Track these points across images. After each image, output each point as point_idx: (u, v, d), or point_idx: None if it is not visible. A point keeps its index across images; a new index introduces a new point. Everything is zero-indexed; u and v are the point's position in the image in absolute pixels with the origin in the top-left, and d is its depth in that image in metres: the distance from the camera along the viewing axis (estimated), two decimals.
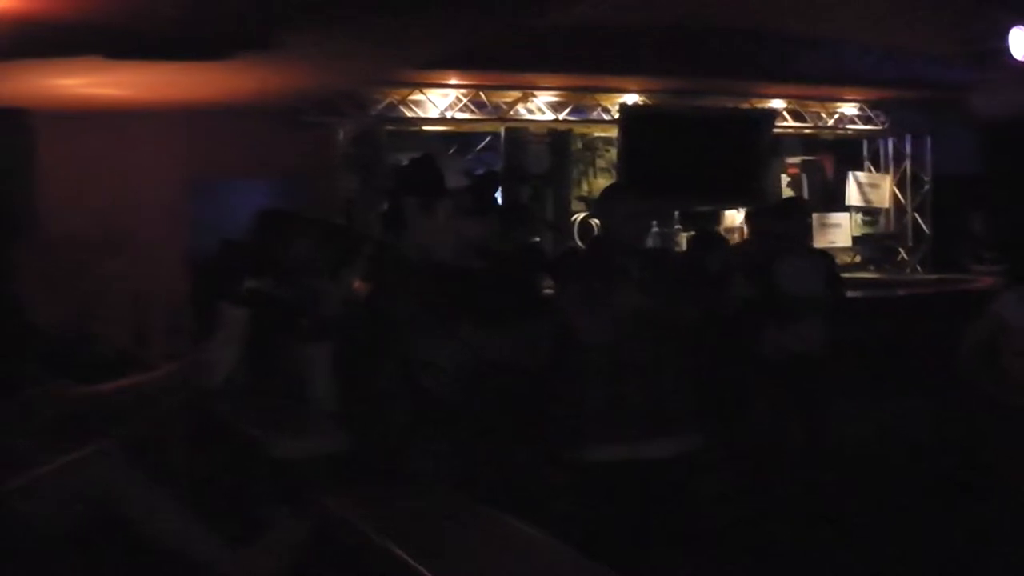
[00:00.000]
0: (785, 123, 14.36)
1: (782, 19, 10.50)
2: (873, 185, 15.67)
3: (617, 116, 13.23)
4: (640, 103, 13.43)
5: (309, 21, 8.48)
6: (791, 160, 15.23)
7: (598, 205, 6.74)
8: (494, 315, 5.72)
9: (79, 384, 5.76)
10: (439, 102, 12.91)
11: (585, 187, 14.24)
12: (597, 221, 6.99)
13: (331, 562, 3.67)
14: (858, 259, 15.61)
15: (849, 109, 14.98)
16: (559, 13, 8.78)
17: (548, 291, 7.52)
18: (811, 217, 9.32)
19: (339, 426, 4.15)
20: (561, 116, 13.47)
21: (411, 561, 3.10)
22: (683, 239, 13.31)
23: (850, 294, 9.55)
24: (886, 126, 15.37)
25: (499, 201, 6.37)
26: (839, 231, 15.12)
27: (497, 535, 3.52)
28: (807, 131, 14.95)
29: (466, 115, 13.07)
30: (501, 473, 5.20)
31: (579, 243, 13.28)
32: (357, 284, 3.95)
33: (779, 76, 12.84)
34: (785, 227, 8.31)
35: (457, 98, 12.94)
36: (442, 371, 3.90)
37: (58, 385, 5.30)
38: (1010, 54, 11.45)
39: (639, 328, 5.79)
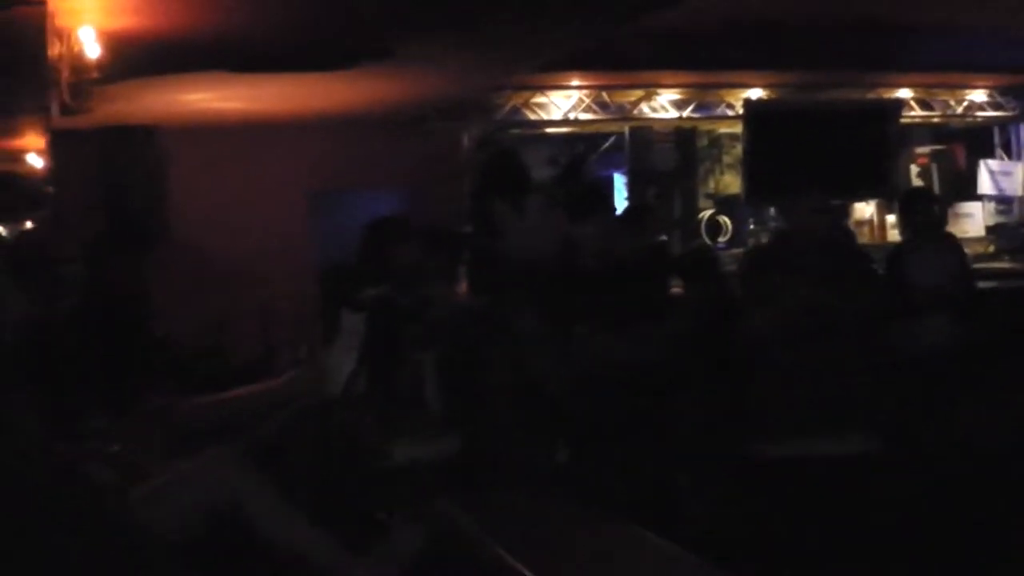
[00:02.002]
0: (913, 113, 14.08)
1: (907, 7, 10.33)
2: (1006, 173, 15.29)
3: (742, 112, 13.10)
4: (765, 98, 13.29)
5: (430, 28, 8.54)
6: (920, 150, 14.93)
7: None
8: (616, 317, 5.70)
9: (204, 394, 5.89)
10: (562, 104, 12.88)
11: (712, 184, 14.14)
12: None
13: (442, 568, 3.67)
14: (992, 249, 15.26)
15: (978, 96, 14.63)
16: (680, 10, 8.71)
17: (676, 290, 7.52)
18: (939, 207, 9.04)
19: (455, 431, 4.16)
20: (685, 113, 13.36)
21: (524, 571, 3.04)
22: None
23: (984, 285, 9.33)
24: (1017, 112, 15.01)
25: (606, 200, 6.29)
26: (972, 221, 14.78)
27: (618, 544, 3.38)
28: (936, 120, 14.64)
29: (589, 116, 13.01)
30: (624, 477, 5.17)
31: (707, 241, 13.19)
32: (463, 288, 3.94)
33: (905, 65, 12.62)
34: (909, 218, 8.18)
35: (580, 99, 12.89)
36: (554, 375, 3.88)
37: (182, 395, 5.41)
38: None
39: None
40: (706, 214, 13.62)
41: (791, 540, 5.65)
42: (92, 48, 7.47)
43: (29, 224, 11.31)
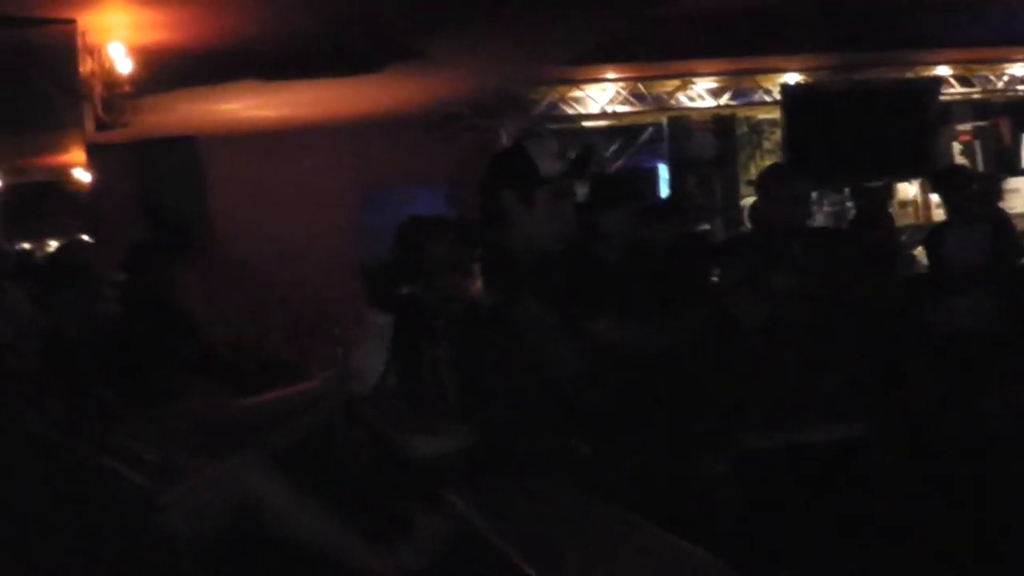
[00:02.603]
0: (953, 90, 13.96)
1: None
2: None
3: (779, 97, 13.05)
4: (801, 81, 13.23)
5: (459, 26, 8.58)
6: (962, 127, 14.80)
7: (757, 187, 6.69)
8: (642, 307, 5.71)
9: (239, 395, 5.96)
10: (599, 97, 12.86)
11: (753, 171, 14.04)
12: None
13: (449, 562, 3.70)
14: None
15: (1020, 70, 14.44)
16: None
17: (716, 279, 7.51)
18: (987, 183, 8.96)
19: (473, 425, 4.20)
20: (722, 101, 13.33)
21: (523, 566, 3.04)
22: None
23: None
24: None
25: (638, 189, 6.30)
26: (1018, 196, 14.56)
27: (626, 539, 3.34)
28: (976, 96, 14.51)
29: (627, 108, 13.00)
30: (643, 470, 5.18)
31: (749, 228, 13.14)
32: (477, 283, 3.98)
33: (943, 42, 12.52)
34: (946, 195, 8.13)
35: (617, 92, 12.88)
36: (571, 370, 3.89)
37: (214, 395, 5.48)
38: None
39: (800, 310, 5.77)
40: (748, 201, 13.57)
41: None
42: (123, 63, 7.57)
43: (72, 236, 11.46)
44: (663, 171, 14.30)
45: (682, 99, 13.22)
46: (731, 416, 5.88)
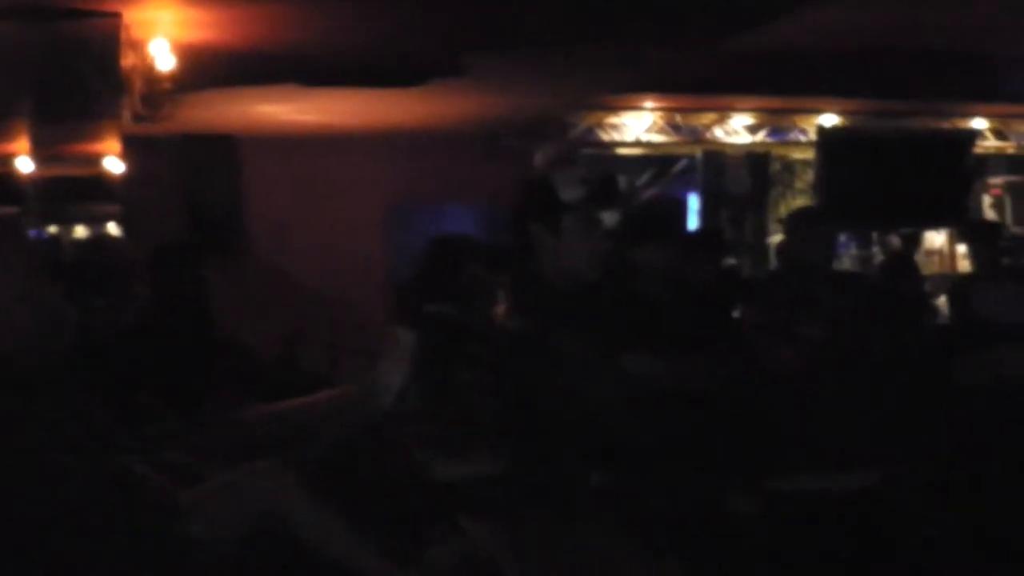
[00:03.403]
0: (988, 143, 13.94)
1: (982, 38, 10.26)
2: None
3: (815, 138, 13.04)
4: (838, 124, 13.24)
5: (505, 47, 8.60)
6: (994, 181, 14.78)
7: (785, 227, 6.68)
8: (673, 342, 5.70)
9: (271, 403, 5.96)
10: (635, 125, 12.89)
11: (783, 209, 14.04)
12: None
13: None
14: None
15: None
16: (754, 35, 8.72)
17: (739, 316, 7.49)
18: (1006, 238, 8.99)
19: (501, 451, 4.19)
20: (758, 138, 13.34)
21: None
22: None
23: None
24: None
25: (669, 223, 6.29)
26: None
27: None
28: (1011, 150, 14.47)
29: (662, 138, 13.02)
30: (670, 506, 5.17)
31: (775, 265, 13.14)
32: (504, 310, 3.98)
33: (981, 95, 12.51)
34: (976, 248, 8.14)
35: (654, 121, 12.90)
36: (600, 402, 3.89)
37: (238, 400, 5.48)
38: None
39: (825, 355, 5.75)
40: (775, 239, 13.57)
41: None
42: (165, 60, 7.60)
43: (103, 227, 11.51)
44: (694, 202, 14.31)
45: (718, 133, 13.24)
46: (758, 457, 5.87)
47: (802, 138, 13.41)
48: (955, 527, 6.95)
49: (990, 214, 14.27)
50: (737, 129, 13.25)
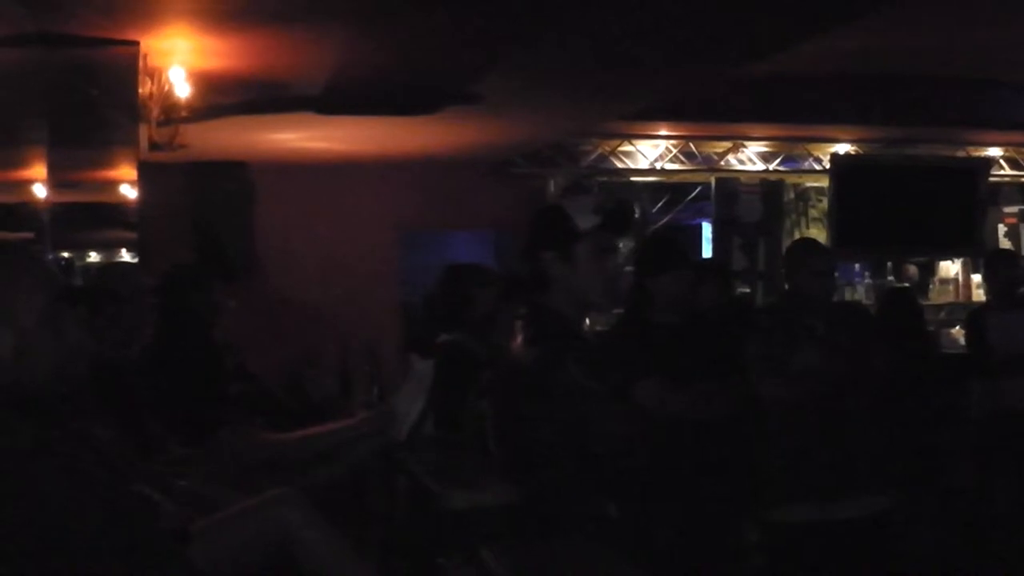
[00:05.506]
0: (1002, 171, 13.93)
1: (996, 66, 10.26)
2: None
3: (829, 166, 13.03)
4: (852, 152, 13.24)
5: (518, 74, 8.61)
6: (1009, 210, 14.75)
7: (785, 260, 6.70)
8: (683, 372, 5.70)
9: (282, 430, 5.96)
10: (649, 153, 12.90)
11: (796, 237, 14.05)
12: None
13: None
14: None
15: None
16: (768, 63, 8.72)
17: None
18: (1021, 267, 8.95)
19: (513, 480, 4.19)
20: (772, 166, 13.34)
21: None
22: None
23: None
24: None
25: (681, 253, 6.28)
26: None
27: None
28: None
29: (676, 165, 13.02)
30: (674, 537, 5.17)
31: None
32: (518, 339, 3.96)
33: (995, 124, 12.49)
34: (992, 278, 8.14)
35: (667, 148, 12.90)
36: (610, 433, 3.87)
37: (250, 430, 5.48)
38: None
39: (823, 387, 5.78)
40: None
41: None
42: (182, 88, 7.63)
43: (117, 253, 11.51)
44: (707, 229, 14.31)
45: (732, 161, 13.24)
46: (761, 488, 5.88)
47: (816, 167, 13.40)
48: (955, 554, 7.00)
49: (1005, 243, 14.22)
50: (751, 157, 13.24)
